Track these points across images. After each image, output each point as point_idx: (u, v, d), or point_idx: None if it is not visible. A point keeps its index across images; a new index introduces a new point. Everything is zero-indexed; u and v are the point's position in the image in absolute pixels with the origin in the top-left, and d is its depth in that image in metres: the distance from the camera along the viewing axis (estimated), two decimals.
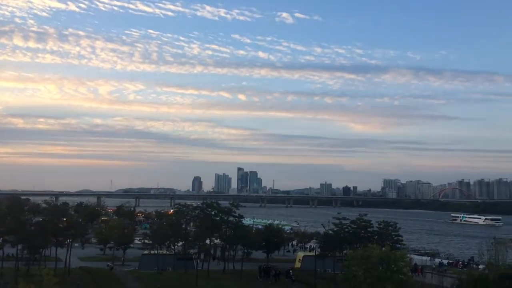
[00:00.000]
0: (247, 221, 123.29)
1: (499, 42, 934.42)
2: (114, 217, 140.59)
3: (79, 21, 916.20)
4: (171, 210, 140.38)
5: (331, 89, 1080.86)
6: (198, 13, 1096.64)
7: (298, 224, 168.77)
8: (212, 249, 77.31)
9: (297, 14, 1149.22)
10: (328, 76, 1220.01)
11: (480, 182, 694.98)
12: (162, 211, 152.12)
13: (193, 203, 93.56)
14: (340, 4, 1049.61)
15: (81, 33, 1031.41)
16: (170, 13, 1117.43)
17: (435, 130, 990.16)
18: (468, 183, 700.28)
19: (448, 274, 66.38)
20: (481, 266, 66.16)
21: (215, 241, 75.79)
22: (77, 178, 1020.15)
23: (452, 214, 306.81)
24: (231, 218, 70.12)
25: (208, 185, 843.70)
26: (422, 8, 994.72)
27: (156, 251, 72.32)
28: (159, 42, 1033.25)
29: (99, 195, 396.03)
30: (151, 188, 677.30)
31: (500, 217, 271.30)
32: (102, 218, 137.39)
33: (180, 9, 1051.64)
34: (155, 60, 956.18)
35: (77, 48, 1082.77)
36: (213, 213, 71.00)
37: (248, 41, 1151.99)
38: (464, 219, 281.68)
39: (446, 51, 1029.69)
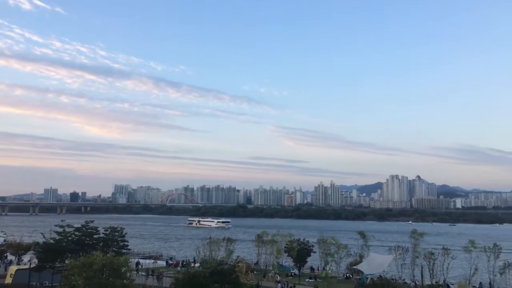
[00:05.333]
0: None
1: (224, 64, 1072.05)
2: None
3: None
4: None
5: (69, 88, 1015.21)
6: None
7: (5, 234, 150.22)
8: None
9: (36, 1, 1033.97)
10: (66, 74, 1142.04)
11: (202, 188, 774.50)
12: None
13: None
14: (86, 1, 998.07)
15: None
16: None
17: (169, 139, 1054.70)
18: (192, 189, 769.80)
19: (166, 274, 70.88)
20: (197, 264, 73.12)
21: None
22: None
23: (189, 218, 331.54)
24: None
25: None
26: (167, 20, 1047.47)
27: None
28: None
29: None
30: None
31: (229, 220, 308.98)
32: None
33: None
34: None
35: None
36: None
37: None
38: (199, 222, 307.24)
39: (185, 66, 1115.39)
